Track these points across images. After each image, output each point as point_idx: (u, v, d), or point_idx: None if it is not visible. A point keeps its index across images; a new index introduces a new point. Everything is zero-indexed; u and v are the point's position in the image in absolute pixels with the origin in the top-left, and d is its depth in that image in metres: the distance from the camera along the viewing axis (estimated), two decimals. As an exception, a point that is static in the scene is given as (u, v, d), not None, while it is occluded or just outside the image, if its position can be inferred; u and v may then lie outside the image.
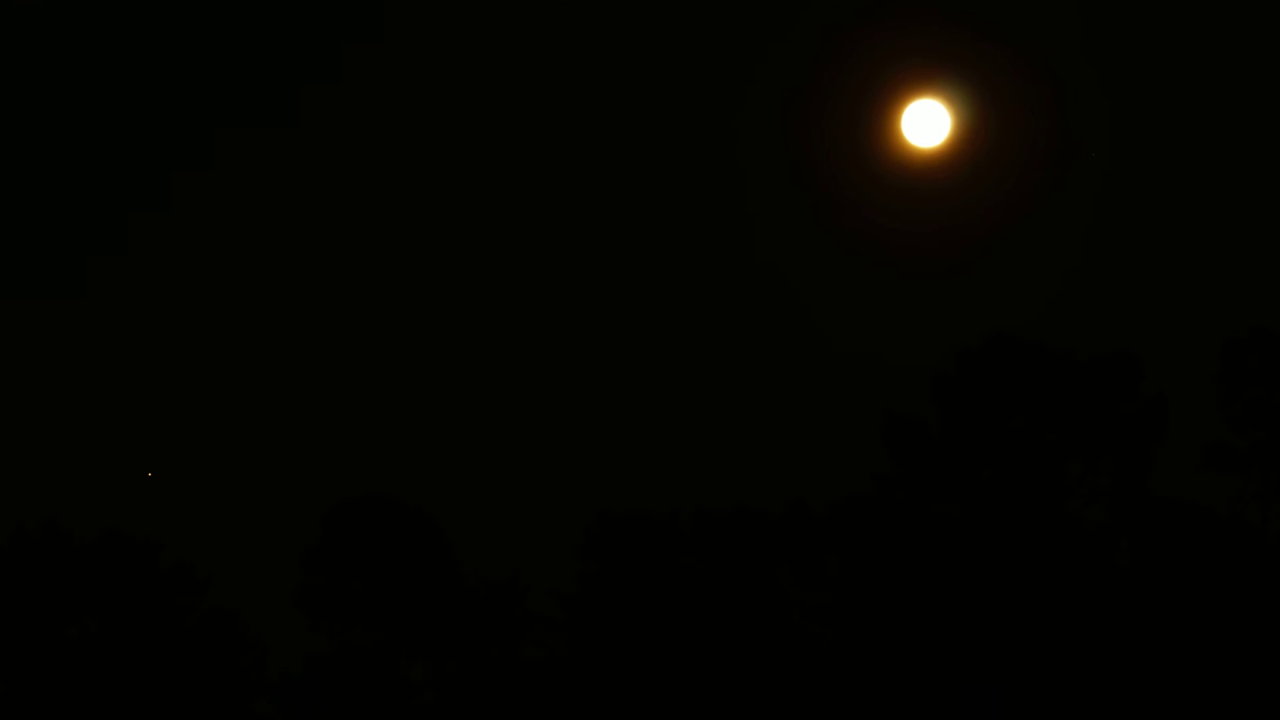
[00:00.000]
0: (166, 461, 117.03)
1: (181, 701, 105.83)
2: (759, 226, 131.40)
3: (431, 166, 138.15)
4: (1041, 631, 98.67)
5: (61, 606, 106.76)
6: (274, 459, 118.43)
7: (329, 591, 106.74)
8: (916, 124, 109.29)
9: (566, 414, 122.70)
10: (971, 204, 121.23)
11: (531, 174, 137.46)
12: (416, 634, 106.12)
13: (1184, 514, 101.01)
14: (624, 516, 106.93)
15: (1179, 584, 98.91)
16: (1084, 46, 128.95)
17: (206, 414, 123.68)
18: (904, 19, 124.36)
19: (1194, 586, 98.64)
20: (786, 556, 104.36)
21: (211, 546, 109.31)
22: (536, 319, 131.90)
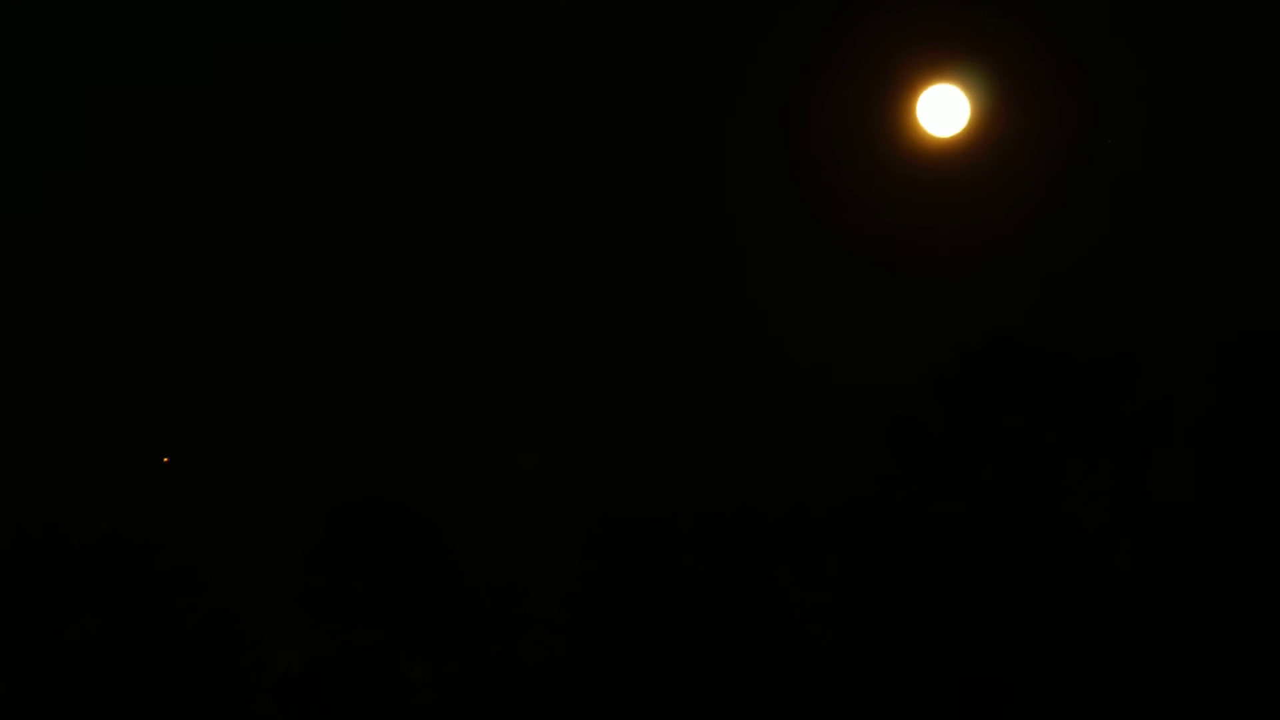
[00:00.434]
0: (166, 462, 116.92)
1: (181, 701, 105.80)
2: (761, 222, 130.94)
3: (432, 166, 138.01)
4: (1042, 631, 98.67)
5: (61, 606, 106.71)
6: (274, 459, 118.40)
7: (329, 591, 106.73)
8: (932, 111, 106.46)
9: (566, 414, 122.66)
10: (989, 198, 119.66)
11: (531, 172, 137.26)
12: (416, 634, 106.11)
13: (1184, 514, 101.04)
14: (624, 516, 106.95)
15: (1179, 584, 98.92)
16: (1111, 27, 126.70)
17: (206, 414, 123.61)
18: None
19: (1194, 587, 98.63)
20: (787, 556, 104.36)
21: (211, 546, 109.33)
22: (536, 318, 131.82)
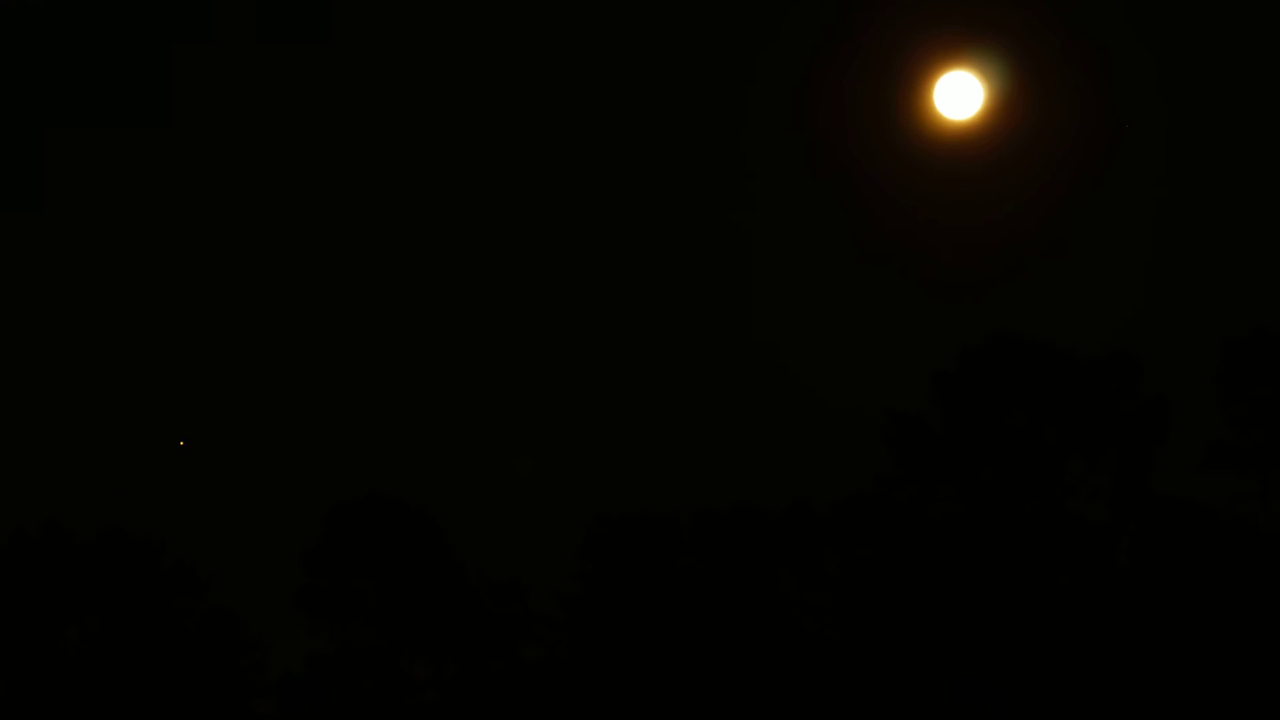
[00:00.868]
0: (166, 462, 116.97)
1: (181, 701, 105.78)
2: (767, 216, 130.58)
3: (433, 167, 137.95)
4: (1042, 631, 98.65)
5: (61, 606, 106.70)
6: (274, 459, 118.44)
7: (329, 591, 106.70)
8: (948, 97, 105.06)
9: (567, 414, 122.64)
10: (1003, 186, 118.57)
11: (533, 171, 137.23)
12: (417, 634, 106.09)
13: (1184, 514, 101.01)
14: (624, 517, 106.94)
15: (1179, 583, 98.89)
16: (1129, 8, 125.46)
17: (207, 415, 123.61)
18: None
19: (1194, 586, 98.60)
20: (787, 556, 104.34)
21: (211, 546, 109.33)
22: (536, 318, 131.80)
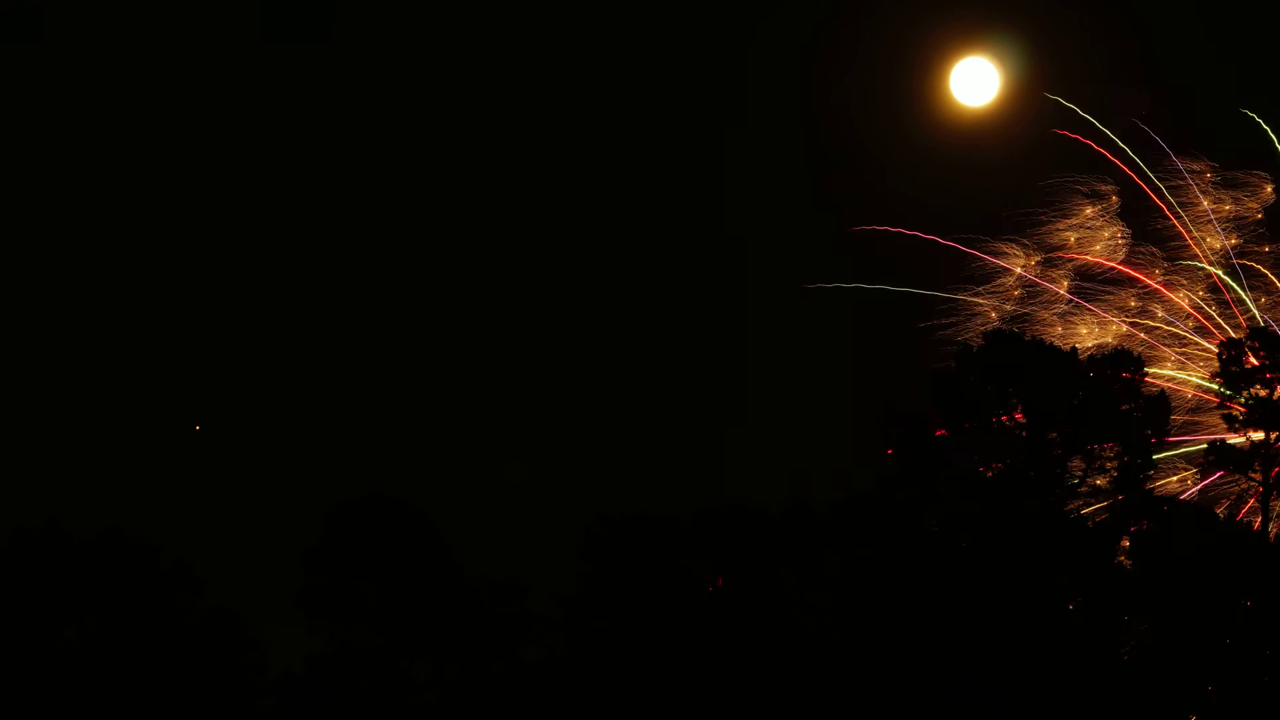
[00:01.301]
0: (166, 462, 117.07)
1: (181, 701, 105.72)
2: (765, 211, 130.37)
3: (432, 168, 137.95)
4: (1042, 631, 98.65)
5: (61, 606, 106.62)
6: (274, 459, 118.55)
7: (329, 591, 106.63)
8: (964, 84, 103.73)
9: (566, 414, 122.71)
10: (1017, 175, 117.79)
11: (534, 170, 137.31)
12: (417, 634, 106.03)
13: (1184, 514, 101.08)
14: (624, 517, 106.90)
15: (1179, 584, 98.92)
16: None
17: (207, 415, 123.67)
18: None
19: (1194, 586, 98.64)
20: (787, 556, 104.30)
21: (211, 546, 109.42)
22: (536, 319, 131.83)
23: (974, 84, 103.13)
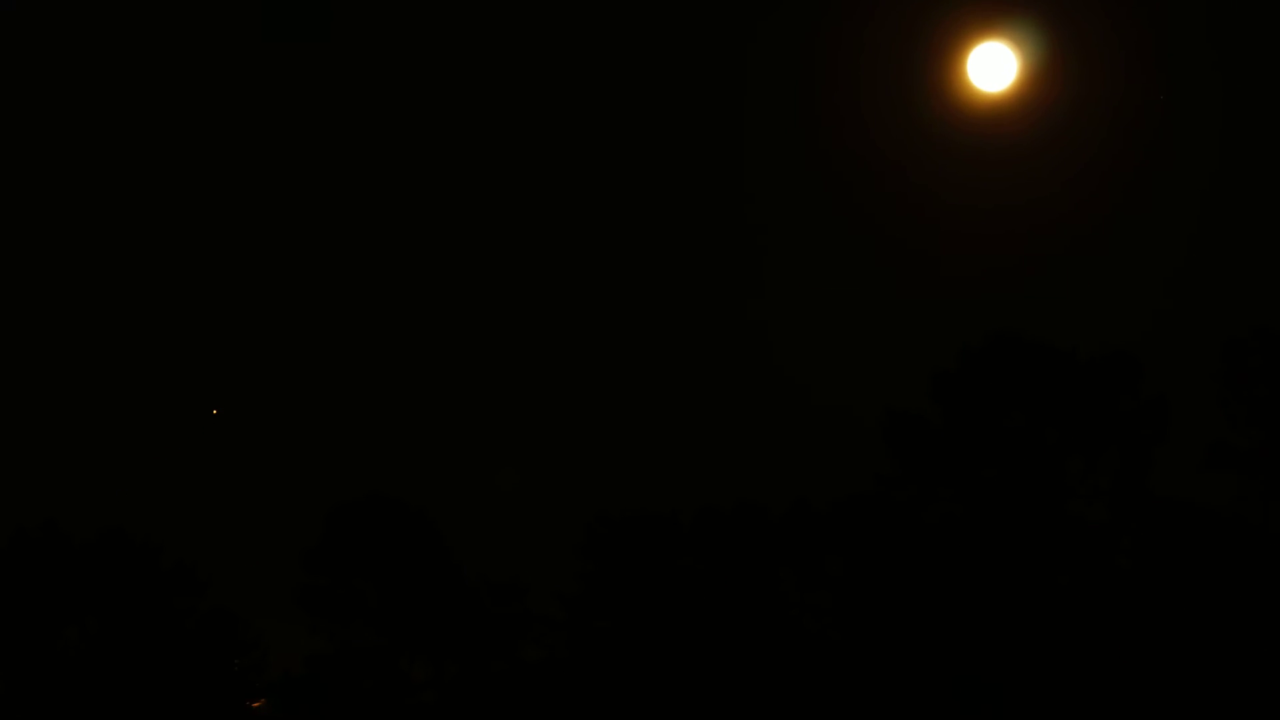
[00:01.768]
0: (166, 462, 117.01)
1: (181, 701, 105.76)
2: (768, 207, 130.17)
3: (432, 168, 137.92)
4: (1042, 631, 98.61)
5: (61, 606, 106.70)
6: (274, 459, 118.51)
7: (329, 591, 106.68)
8: (981, 70, 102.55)
9: (567, 413, 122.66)
10: (1034, 166, 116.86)
11: (534, 167, 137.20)
12: (416, 634, 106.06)
13: (1184, 514, 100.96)
14: (624, 517, 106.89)
15: (1179, 584, 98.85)
16: None
17: (207, 415, 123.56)
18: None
19: (1194, 586, 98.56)
20: (788, 556, 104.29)
21: (211, 546, 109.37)
22: (536, 318, 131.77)
23: (990, 70, 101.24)
